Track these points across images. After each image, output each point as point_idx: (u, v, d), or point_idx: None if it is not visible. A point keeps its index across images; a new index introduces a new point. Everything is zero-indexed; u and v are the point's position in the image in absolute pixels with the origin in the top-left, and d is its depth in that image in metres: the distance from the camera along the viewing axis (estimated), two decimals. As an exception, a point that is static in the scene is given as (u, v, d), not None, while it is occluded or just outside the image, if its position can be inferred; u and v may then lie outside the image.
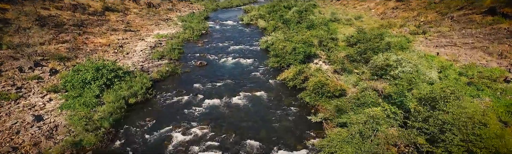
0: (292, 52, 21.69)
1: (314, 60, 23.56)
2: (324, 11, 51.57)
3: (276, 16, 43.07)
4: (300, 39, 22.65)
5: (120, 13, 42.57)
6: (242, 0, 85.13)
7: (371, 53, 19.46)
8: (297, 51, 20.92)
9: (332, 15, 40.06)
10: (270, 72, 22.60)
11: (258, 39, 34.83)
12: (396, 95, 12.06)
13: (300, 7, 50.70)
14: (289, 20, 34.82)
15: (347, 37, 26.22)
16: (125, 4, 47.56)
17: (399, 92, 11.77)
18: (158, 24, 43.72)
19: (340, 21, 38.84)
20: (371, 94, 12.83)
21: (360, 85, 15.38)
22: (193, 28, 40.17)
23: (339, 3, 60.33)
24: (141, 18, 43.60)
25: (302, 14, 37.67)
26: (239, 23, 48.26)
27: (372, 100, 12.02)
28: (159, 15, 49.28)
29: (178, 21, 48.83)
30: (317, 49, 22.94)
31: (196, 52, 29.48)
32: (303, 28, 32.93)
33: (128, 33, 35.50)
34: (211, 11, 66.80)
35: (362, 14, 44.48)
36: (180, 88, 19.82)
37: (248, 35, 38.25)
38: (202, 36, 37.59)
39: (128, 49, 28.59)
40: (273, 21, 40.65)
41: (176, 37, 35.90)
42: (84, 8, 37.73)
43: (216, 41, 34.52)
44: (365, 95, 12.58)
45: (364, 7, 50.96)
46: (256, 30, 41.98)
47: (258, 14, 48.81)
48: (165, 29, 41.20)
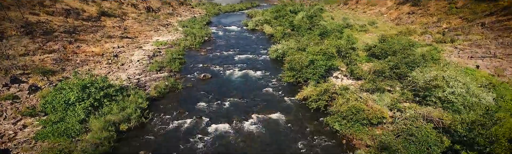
0: (310, 65, 18.86)
1: (334, 73, 20.72)
2: (333, 16, 48.99)
3: (284, 21, 40.45)
4: (318, 50, 19.82)
5: (117, 18, 39.95)
6: (244, 4, 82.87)
7: (406, 67, 16.61)
8: (317, 65, 18.08)
9: (344, 20, 37.39)
10: (284, 88, 19.74)
11: (266, 47, 32.08)
12: (464, 131, 9.17)
13: (307, 11, 48.13)
14: (299, 26, 32.09)
15: (369, 46, 23.43)
16: (123, 8, 45.01)
17: (473, 131, 8.83)
18: (157, 30, 41.05)
19: (353, 27, 36.15)
20: (427, 127, 9.93)
21: (406, 111, 12.47)
22: (195, 34, 37.49)
23: (347, 7, 57.85)
24: (139, 23, 40.96)
25: (313, 20, 34.98)
26: (244, 29, 45.62)
27: (434, 138, 9.12)
28: (159, 20, 46.68)
29: (179, 26, 46.20)
30: (338, 62, 20.09)
31: (198, 62, 26.68)
32: (315, 35, 30.22)
33: (125, 40, 32.76)
34: (213, 16, 64.33)
35: (375, 19, 41.84)
36: (181, 108, 16.95)
37: (255, 42, 35.52)
38: (204, 44, 34.86)
39: (123, 60, 25.79)
40: (280, 27, 37.97)
41: (177, 45, 33.19)
42: (78, 13, 35.08)
43: (220, 49, 31.76)
44: (420, 129, 9.68)
45: (375, 12, 48.40)
46: (262, 36, 39.29)
47: (263, 19, 46.22)
48: (165, 36, 38.50)
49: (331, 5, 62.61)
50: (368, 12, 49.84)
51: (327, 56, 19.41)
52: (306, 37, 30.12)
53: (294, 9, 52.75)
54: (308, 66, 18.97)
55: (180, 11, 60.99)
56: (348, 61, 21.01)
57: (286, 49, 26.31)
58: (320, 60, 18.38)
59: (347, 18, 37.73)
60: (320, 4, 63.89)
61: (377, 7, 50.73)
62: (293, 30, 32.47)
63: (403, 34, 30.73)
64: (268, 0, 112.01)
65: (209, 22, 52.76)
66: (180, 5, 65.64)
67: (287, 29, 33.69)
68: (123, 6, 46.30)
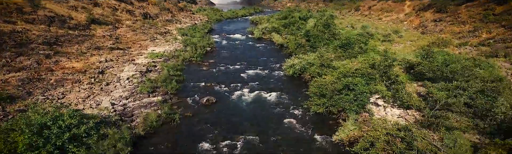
0: (344, 89, 14.58)
1: (371, 97, 16.39)
2: (353, 24, 45.07)
3: (295, 30, 36.47)
4: (353, 70, 15.56)
5: (109, 26, 35.92)
6: (247, 10, 79.41)
7: (483, 98, 12.29)
8: (357, 92, 13.79)
9: (364, 29, 33.35)
10: (312, 120, 15.37)
11: (278, 60, 27.92)
12: None
13: (319, 18, 44.23)
14: (316, 36, 27.97)
15: (410, 63, 19.19)
16: (117, 15, 41.09)
17: None
18: (154, 39, 36.98)
19: (374, 36, 32.06)
20: None
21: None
22: (195, 44, 33.41)
23: (359, 13, 54.09)
24: (134, 32, 36.91)
25: (330, 28, 30.93)
26: (249, 37, 41.61)
27: None
28: (156, 28, 42.69)
29: (178, 34, 42.20)
30: (378, 84, 15.79)
31: (200, 79, 22.41)
32: (335, 47, 26.11)
33: (115, 52, 28.59)
34: (215, 22, 60.61)
35: (397, 27, 37.87)
36: (179, 150, 12.57)
37: (263, 53, 31.35)
38: (207, 55, 30.70)
39: (110, 77, 21.52)
40: (292, 36, 33.92)
41: (175, 57, 29.01)
42: (64, 21, 31.03)
43: (225, 62, 27.56)
44: None
45: (392, 19, 44.51)
46: (271, 46, 35.18)
47: (270, 26, 42.27)
48: (162, 46, 34.39)
49: (341, 11, 58.95)
50: (384, 19, 45.98)
51: (367, 78, 15.12)
52: (325, 49, 25.98)
53: (303, 15, 48.98)
54: (342, 91, 14.69)
55: (180, 18, 57.22)
56: (388, 82, 16.70)
57: (305, 64, 22.09)
58: (360, 85, 14.07)
59: (366, 26, 33.68)
60: (329, 10, 60.21)
61: (393, 13, 46.91)
62: (308, 41, 28.30)
63: (437, 45, 26.60)
64: (271, 6, 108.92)
65: (211, 29, 48.86)
66: (180, 11, 61.97)
67: (301, 39, 29.56)
68: (117, 13, 42.41)
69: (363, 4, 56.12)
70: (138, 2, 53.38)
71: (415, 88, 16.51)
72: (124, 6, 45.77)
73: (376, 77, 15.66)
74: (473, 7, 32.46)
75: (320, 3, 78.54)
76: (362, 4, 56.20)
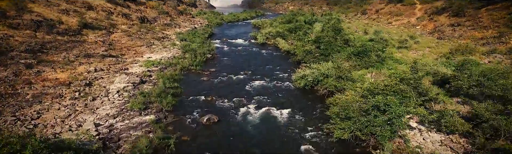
0: (373, 110, 12.08)
1: (402, 118, 13.79)
2: (353, 27, 42.80)
3: (302, 35, 34.15)
4: (382, 87, 13.08)
5: (103, 31, 33.58)
6: (248, 13, 77.32)
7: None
8: (392, 114, 11.28)
9: (376, 34, 31.00)
10: (336, 148, 12.78)
11: (285, 68, 25.53)
12: None
13: (325, 22, 41.92)
14: (328, 42, 25.56)
15: (442, 75, 16.72)
16: (112, 19, 38.78)
17: None
18: (150, 44, 34.58)
19: (388, 42, 29.67)
20: None
21: None
22: (195, 51, 31.01)
23: (366, 17, 51.88)
24: (129, 37, 34.54)
25: (342, 34, 28.57)
26: (252, 43, 39.26)
27: None
28: (154, 33, 40.36)
29: (177, 40, 39.86)
30: (412, 102, 13.26)
31: (200, 92, 19.92)
32: (349, 54, 23.71)
33: (107, 60, 26.16)
34: (215, 26, 58.37)
35: (410, 32, 35.57)
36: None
37: (269, 61, 28.92)
38: (207, 63, 28.29)
39: (97, 91, 19.03)
40: (299, 42, 31.55)
41: (173, 65, 26.58)
42: (52, 26, 28.70)
43: (227, 71, 25.11)
44: None
45: (403, 23, 42.23)
46: (277, 53, 32.76)
47: (274, 31, 39.94)
48: (159, 52, 31.97)
49: (346, 15, 56.77)
50: (395, 23, 43.70)
51: (400, 97, 12.61)
52: (338, 57, 23.58)
53: (309, 19, 46.72)
54: (370, 112, 12.18)
55: (179, 22, 54.98)
56: (421, 100, 14.18)
57: (318, 75, 19.62)
58: (394, 106, 11.56)
59: (379, 32, 31.32)
60: (334, 13, 58.01)
61: (403, 17, 44.66)
62: (318, 48, 25.89)
63: (460, 53, 24.18)
64: (272, 9, 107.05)
65: (212, 34, 46.54)
66: (179, 15, 59.80)
67: (310, 45, 27.16)
68: (113, 17, 40.12)
69: (370, 7, 53.97)
70: (136, 5, 51.23)
71: (455, 106, 13.98)
72: (120, 10, 43.53)
73: (410, 95, 13.15)
74: (495, 10, 30.19)
75: (324, 6, 76.53)
76: (369, 7, 54.06)
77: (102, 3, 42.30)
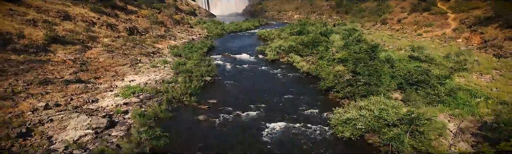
0: None
1: None
2: (378, 40, 36.63)
3: (323, 51, 27.94)
4: None
5: (78, 46, 27.29)
6: (251, 23, 71.58)
7: None
8: None
9: (419, 51, 24.71)
10: None
11: (311, 99, 19.05)
12: None
13: (345, 34, 35.83)
14: (369, 66, 19.14)
15: None
16: (93, 31, 32.60)
17: None
18: (136, 63, 28.19)
19: (437, 61, 23.30)
20: None
21: None
22: (190, 72, 24.65)
23: (387, 28, 45.91)
24: (109, 53, 28.18)
25: (377, 52, 22.30)
26: (260, 59, 33.00)
27: None
28: (142, 47, 34.09)
29: (170, 55, 33.58)
30: None
31: (194, 146, 13.25)
32: (402, 83, 17.29)
33: (72, 87, 19.69)
34: (216, 37, 52.43)
35: (454, 48, 29.39)
36: None
37: (287, 87, 22.46)
38: (205, 89, 21.82)
39: (35, 147, 12.32)
40: (322, 60, 25.23)
41: (160, 94, 20.09)
42: (8, 41, 22.48)
43: (233, 103, 18.63)
44: None
45: (436, 35, 36.14)
46: (293, 73, 26.32)
47: (287, 45, 33.68)
48: (145, 74, 25.55)
49: (363, 25, 50.99)
50: (425, 35, 37.60)
51: None
52: (386, 86, 17.13)
53: (324, 30, 40.75)
54: None
55: (175, 32, 48.97)
56: None
57: (372, 121, 13.03)
58: None
59: (422, 48, 25.02)
60: (348, 23, 52.15)
61: (435, 28, 38.63)
62: (355, 72, 19.45)
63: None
64: (276, 18, 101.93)
65: (212, 47, 40.34)
66: (175, 25, 53.91)
67: (340, 66, 20.76)
68: (94, 28, 33.98)
69: (391, 16, 48.21)
70: (126, 14, 45.36)
71: None
72: (105, 20, 37.49)
73: None
74: None
75: (333, 15, 70.95)
76: (389, 16, 48.29)
77: (83, 12, 36.33)
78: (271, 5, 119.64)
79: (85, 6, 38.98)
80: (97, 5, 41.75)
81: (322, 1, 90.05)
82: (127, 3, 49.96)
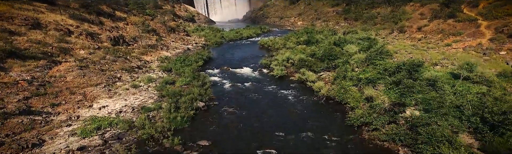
0: None
1: None
2: (402, 51, 31.64)
3: (344, 68, 22.82)
4: None
5: (42, 61, 22.21)
6: (252, 30, 66.93)
7: None
8: None
9: (470, 68, 19.57)
10: None
11: (340, 139, 13.72)
12: None
13: (366, 46, 30.88)
14: (425, 93, 13.95)
15: None
16: (68, 41, 27.60)
17: None
18: (114, 81, 23.06)
19: (492, 84, 18.10)
20: None
21: None
22: (179, 96, 19.44)
23: (407, 36, 40.99)
24: (83, 70, 23.07)
25: (419, 72, 17.16)
26: (265, 75, 27.86)
27: None
28: (126, 60, 29.02)
29: (158, 70, 28.45)
30: None
31: None
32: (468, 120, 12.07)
33: (13, 122, 14.48)
34: (214, 46, 47.60)
35: (501, 63, 24.30)
36: None
37: (303, 118, 17.21)
38: (195, 123, 16.59)
39: None
40: (346, 81, 20.06)
41: (134, 132, 14.82)
42: None
43: (233, 148, 13.29)
44: None
45: (470, 46, 31.07)
46: (308, 96, 21.10)
47: (297, 58, 28.64)
48: (122, 97, 20.38)
49: (378, 33, 46.14)
50: (455, 45, 32.58)
51: None
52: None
53: (337, 40, 35.90)
54: None
55: (169, 41, 44.06)
56: None
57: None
58: None
59: (472, 64, 19.85)
60: (366, 32, 47.36)
61: (465, 37, 33.75)
62: (400, 105, 14.24)
63: None
64: (278, 25, 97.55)
65: (208, 59, 35.28)
66: (169, 33, 49.09)
67: (374, 92, 15.57)
68: (70, 38, 28.99)
69: (409, 23, 43.39)
70: (113, 21, 40.56)
71: None
72: (86, 28, 32.59)
73: None
74: None
75: (341, 22, 66.29)
76: (408, 24, 43.46)
77: (60, 19, 31.48)
78: (273, 11, 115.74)
79: (64, 13, 34.21)
80: (80, 11, 37.10)
81: (327, 7, 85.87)
82: (115, 9, 45.30)
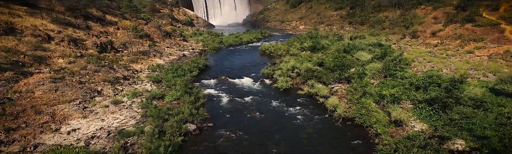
0: None
1: None
2: (421, 60, 28.51)
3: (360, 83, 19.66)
4: None
5: (8, 73, 19.10)
6: (253, 34, 63.94)
7: None
8: None
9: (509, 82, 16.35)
10: None
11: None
12: None
13: (378, 53, 27.81)
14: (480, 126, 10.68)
15: None
16: (46, 49, 24.51)
17: None
18: (92, 97, 19.85)
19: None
20: None
21: None
22: (167, 115, 16.16)
23: (420, 42, 37.87)
24: (56, 83, 19.83)
25: (460, 90, 13.91)
26: (268, 87, 24.66)
27: None
28: (111, 69, 25.84)
29: (147, 81, 25.24)
30: None
31: None
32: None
33: None
34: (212, 52, 44.57)
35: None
36: None
37: (317, 144, 13.83)
38: (184, 151, 13.17)
39: None
40: (367, 98, 16.81)
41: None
42: None
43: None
44: None
45: (496, 53, 27.93)
46: (320, 115, 17.81)
47: (303, 68, 25.50)
48: (98, 117, 17.15)
49: (388, 38, 43.10)
50: (479, 52, 29.42)
51: None
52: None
53: (344, 45, 32.88)
54: None
55: (163, 47, 40.97)
56: None
57: None
58: None
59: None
60: (374, 37, 44.33)
61: (488, 43, 30.59)
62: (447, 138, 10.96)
63: None
64: (279, 29, 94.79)
65: (205, 66, 32.10)
66: (164, 38, 46.05)
67: (404, 113, 12.31)
68: (50, 45, 25.90)
69: (422, 28, 40.39)
70: (102, 26, 37.51)
71: None
72: (69, 33, 29.52)
73: None
74: None
75: (346, 26, 63.32)
76: (421, 28, 40.46)
77: (39, 23, 28.44)
78: (273, 15, 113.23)
79: (47, 16, 31.21)
80: (65, 14, 34.14)
81: (330, 11, 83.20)
82: (106, 12, 42.36)
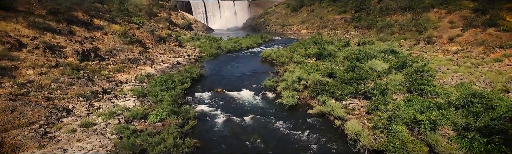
0: None
1: None
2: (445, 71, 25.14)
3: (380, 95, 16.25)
4: None
5: (-43, 89, 15.56)
6: (253, 39, 60.66)
7: None
8: None
9: None
10: None
11: None
12: None
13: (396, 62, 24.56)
14: None
15: None
16: (14, 58, 21.18)
17: None
18: (58, 118, 16.41)
19: None
20: None
21: None
22: (146, 144, 12.65)
23: (437, 49, 34.51)
24: (13, 101, 16.39)
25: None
26: (271, 103, 21.21)
27: None
28: (90, 81, 22.43)
29: (131, 95, 21.77)
30: None
31: None
32: None
33: None
34: (209, 59, 41.32)
35: None
36: None
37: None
38: None
39: None
40: (398, 125, 13.29)
41: None
42: None
43: None
44: None
45: (530, 62, 24.45)
46: (337, 144, 14.29)
47: (311, 79, 22.09)
48: (59, 147, 13.56)
49: (400, 44, 39.80)
50: (508, 61, 26.01)
51: None
52: None
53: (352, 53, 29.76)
54: None
55: (155, 54, 37.63)
56: None
57: None
58: None
59: None
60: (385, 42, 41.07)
61: (517, 51, 27.20)
62: None
63: None
64: (279, 33, 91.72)
65: (200, 76, 28.69)
66: (158, 43, 42.74)
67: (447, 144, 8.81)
68: (20, 53, 22.61)
69: (438, 33, 37.16)
70: (88, 31, 34.19)
71: None
72: (46, 40, 26.23)
73: None
74: None
75: (351, 30, 60.13)
76: (436, 33, 37.23)
77: (10, 29, 25.20)
78: (274, 19, 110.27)
79: (23, 20, 27.97)
80: (46, 18, 30.93)
81: (333, 15, 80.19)
82: (94, 16, 39.14)
